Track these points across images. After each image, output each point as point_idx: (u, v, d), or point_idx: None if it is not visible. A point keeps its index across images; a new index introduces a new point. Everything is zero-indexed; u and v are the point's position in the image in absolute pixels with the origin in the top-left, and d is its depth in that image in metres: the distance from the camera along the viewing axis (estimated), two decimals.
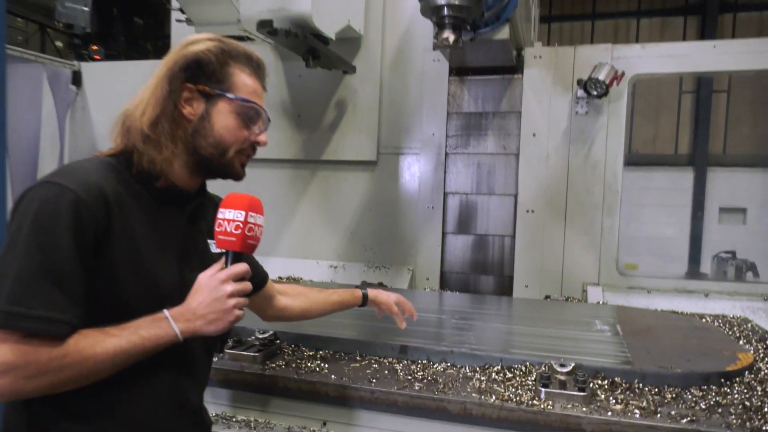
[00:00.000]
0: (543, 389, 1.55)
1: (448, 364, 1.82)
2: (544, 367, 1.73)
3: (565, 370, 1.67)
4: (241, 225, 1.19)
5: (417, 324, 2.16)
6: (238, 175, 1.33)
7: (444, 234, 3.48)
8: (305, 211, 3.73)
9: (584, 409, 1.49)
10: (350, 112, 3.53)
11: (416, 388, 1.61)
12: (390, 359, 1.86)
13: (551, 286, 3.30)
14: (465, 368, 1.79)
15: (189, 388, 1.32)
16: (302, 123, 3.61)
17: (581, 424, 1.45)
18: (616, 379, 1.68)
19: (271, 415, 1.74)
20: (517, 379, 1.68)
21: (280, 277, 3.37)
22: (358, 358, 1.88)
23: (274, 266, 3.79)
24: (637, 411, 1.48)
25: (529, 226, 3.32)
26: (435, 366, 1.81)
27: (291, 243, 3.76)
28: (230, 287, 1.17)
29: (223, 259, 1.22)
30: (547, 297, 2.93)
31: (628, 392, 1.62)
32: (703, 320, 2.56)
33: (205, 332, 1.17)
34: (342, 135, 3.55)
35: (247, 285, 1.22)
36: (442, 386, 1.62)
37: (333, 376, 1.69)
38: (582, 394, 1.52)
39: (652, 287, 3.22)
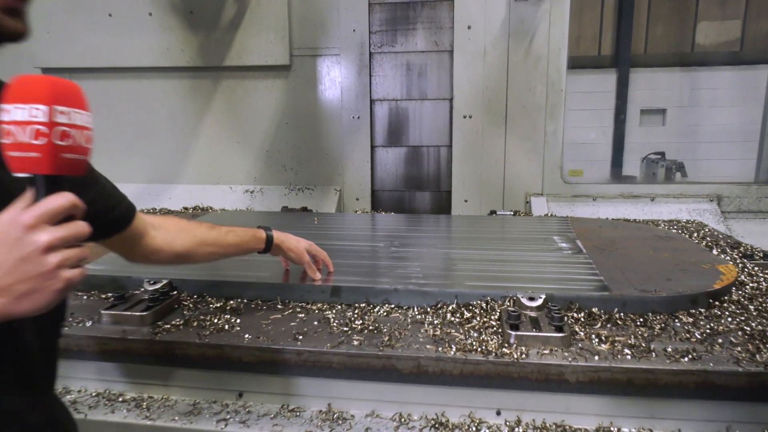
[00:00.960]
0: (512, 332, 1.24)
1: (392, 306, 1.48)
2: (509, 301, 1.42)
3: (535, 304, 1.37)
4: (46, 129, 0.68)
5: (350, 257, 1.80)
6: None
7: (373, 147, 3.08)
8: (211, 129, 3.20)
9: (565, 353, 1.19)
10: (254, 6, 2.96)
11: (355, 343, 1.26)
12: (319, 305, 1.50)
13: (492, 199, 3.02)
14: (413, 310, 1.45)
15: (20, 394, 0.83)
16: (196, 21, 3.01)
17: (564, 373, 1.16)
18: (593, 309, 1.40)
19: (171, 390, 1.35)
20: (479, 319, 1.37)
21: (186, 208, 2.89)
22: (279, 306, 1.50)
23: (179, 195, 3.28)
24: (627, 351, 1.20)
25: (466, 133, 2.97)
26: (376, 310, 1.46)
27: (197, 167, 3.26)
28: (46, 235, 0.66)
29: (28, 192, 0.70)
30: (492, 212, 2.65)
31: (609, 325, 1.34)
32: (659, 227, 2.35)
33: (17, 313, 0.67)
34: (246, 34, 2.99)
35: (79, 227, 0.70)
36: (387, 338, 1.28)
37: (247, 336, 1.31)
38: (560, 335, 1.23)
39: (597, 194, 3.00)
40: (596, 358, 1.17)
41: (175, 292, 1.51)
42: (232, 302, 1.53)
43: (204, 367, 1.30)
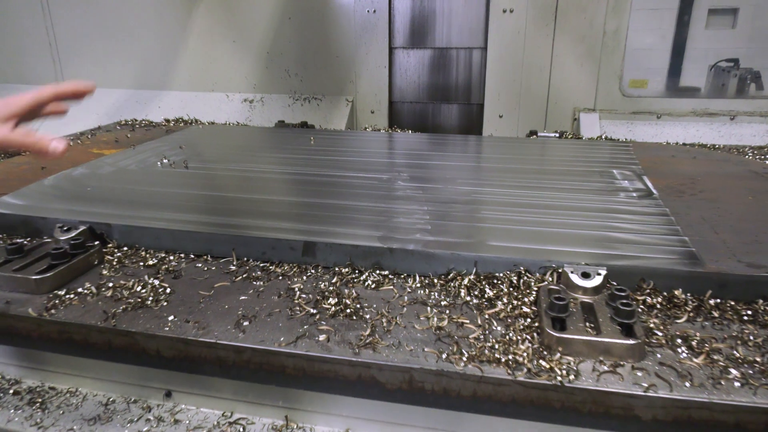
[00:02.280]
0: (555, 334, 0.82)
1: (385, 274, 1.06)
2: (551, 276, 0.99)
3: (590, 284, 0.93)
4: None
5: (342, 196, 1.37)
6: None
7: (391, 49, 2.56)
8: (202, 24, 2.71)
9: (637, 372, 0.77)
10: None
11: (320, 338, 0.86)
12: (286, 267, 1.10)
13: (533, 115, 2.51)
14: (414, 280, 1.04)
15: None
16: None
17: (633, 408, 0.75)
18: (675, 292, 0.96)
19: (82, 381, 1.00)
20: (506, 301, 0.94)
21: (167, 120, 2.48)
22: (233, 266, 1.11)
23: (169, 103, 2.85)
24: (733, 371, 0.77)
25: (505, 32, 2.42)
26: (362, 279, 1.05)
27: (189, 71, 2.81)
28: None
29: None
30: (532, 133, 2.16)
31: (698, 319, 0.91)
32: (747, 156, 1.83)
33: None
34: None
35: None
36: (369, 331, 0.88)
37: (171, 318, 0.92)
38: (630, 342, 0.80)
39: (662, 111, 2.46)
40: (687, 385, 0.75)
41: (94, 244, 1.13)
42: (171, 258, 1.14)
43: (114, 359, 0.93)
